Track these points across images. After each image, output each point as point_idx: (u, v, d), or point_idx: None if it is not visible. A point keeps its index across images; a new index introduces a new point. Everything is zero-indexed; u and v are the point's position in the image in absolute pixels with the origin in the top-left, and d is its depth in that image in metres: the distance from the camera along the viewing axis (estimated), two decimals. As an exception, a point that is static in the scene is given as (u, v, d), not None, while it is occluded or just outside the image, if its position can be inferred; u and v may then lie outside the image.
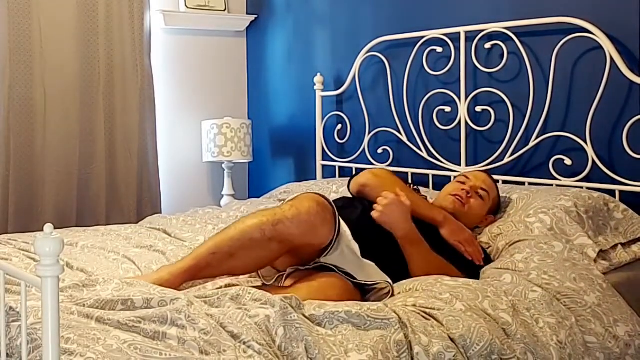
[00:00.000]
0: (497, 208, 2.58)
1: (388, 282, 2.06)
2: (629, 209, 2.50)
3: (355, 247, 2.09)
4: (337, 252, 2.05)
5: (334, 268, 2.03)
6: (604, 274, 2.23)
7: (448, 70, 3.14)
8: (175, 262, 2.13)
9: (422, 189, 2.71)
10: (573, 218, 2.39)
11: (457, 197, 2.48)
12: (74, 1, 3.61)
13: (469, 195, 2.49)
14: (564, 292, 2.04)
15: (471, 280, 2.05)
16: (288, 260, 2.09)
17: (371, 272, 2.08)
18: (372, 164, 3.44)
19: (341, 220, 2.09)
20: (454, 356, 1.73)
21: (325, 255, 2.04)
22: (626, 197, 2.59)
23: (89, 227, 3.02)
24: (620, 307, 2.07)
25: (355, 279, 2.03)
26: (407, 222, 2.21)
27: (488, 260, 2.35)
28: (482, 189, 2.52)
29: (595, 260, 2.27)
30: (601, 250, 2.33)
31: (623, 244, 2.42)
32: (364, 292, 2.06)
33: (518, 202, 2.56)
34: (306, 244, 2.01)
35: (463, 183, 2.54)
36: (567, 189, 2.59)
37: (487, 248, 2.43)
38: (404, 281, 2.12)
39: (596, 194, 2.52)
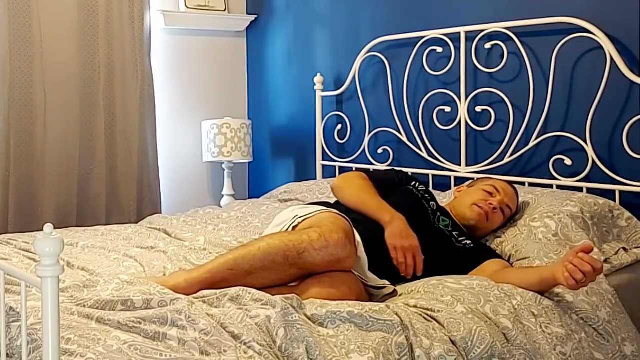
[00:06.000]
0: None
1: (393, 287, 2.06)
2: (633, 217, 2.49)
3: (365, 259, 2.08)
4: None
5: None
6: (605, 275, 2.23)
7: (448, 70, 3.14)
8: (191, 268, 2.09)
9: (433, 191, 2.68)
10: (578, 224, 2.37)
11: (484, 210, 2.41)
12: (74, 1, 3.61)
13: (494, 211, 2.42)
14: (578, 306, 2.02)
15: (476, 282, 2.03)
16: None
17: (376, 279, 2.08)
18: (372, 164, 3.44)
19: (356, 233, 2.07)
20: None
21: None
22: (626, 197, 2.59)
23: (89, 227, 3.02)
24: (627, 324, 2.07)
25: (365, 280, 2.03)
26: None
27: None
28: (508, 206, 2.45)
29: None
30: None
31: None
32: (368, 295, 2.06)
33: (523, 206, 2.54)
34: (326, 271, 1.98)
35: (491, 194, 2.45)
36: (573, 193, 2.57)
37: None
38: (407, 284, 2.12)
39: (602, 200, 2.51)
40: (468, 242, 2.36)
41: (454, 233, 2.37)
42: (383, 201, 2.37)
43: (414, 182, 2.55)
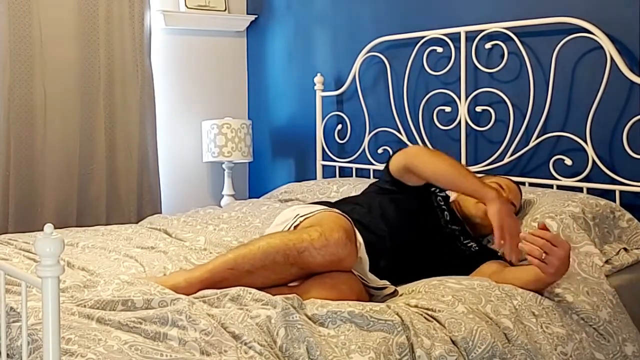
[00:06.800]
0: None
1: (394, 287, 2.06)
2: (634, 219, 2.49)
3: (366, 260, 2.08)
4: None
5: None
6: (606, 276, 2.22)
7: (448, 70, 3.14)
8: (191, 268, 2.09)
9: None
10: (580, 225, 2.37)
11: None
12: (74, 1, 3.61)
13: None
14: (578, 306, 2.02)
15: (477, 282, 2.03)
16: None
17: (376, 280, 2.08)
18: (372, 164, 3.44)
19: (357, 233, 2.06)
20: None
21: None
22: (626, 198, 2.59)
23: (89, 227, 3.02)
24: (628, 324, 2.07)
25: (365, 281, 2.03)
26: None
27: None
28: (512, 203, 2.42)
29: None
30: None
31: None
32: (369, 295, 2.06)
33: (525, 205, 2.54)
34: (326, 270, 1.97)
35: None
36: (574, 193, 2.56)
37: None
38: (408, 284, 2.12)
39: (603, 201, 2.51)
40: (474, 244, 2.36)
41: (459, 235, 2.36)
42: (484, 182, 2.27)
43: (433, 188, 2.47)
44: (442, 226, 2.37)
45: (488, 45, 2.99)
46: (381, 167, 3.37)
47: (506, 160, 2.92)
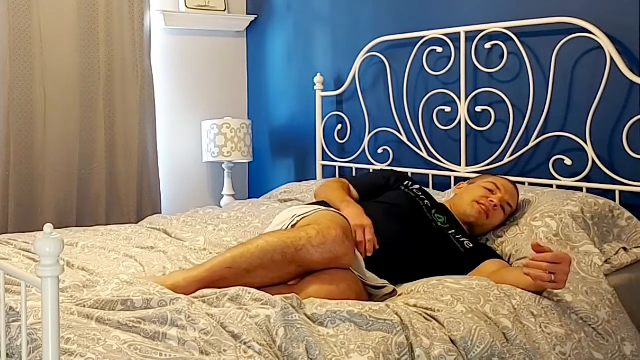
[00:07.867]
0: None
1: (393, 287, 2.06)
2: (633, 217, 2.49)
3: (361, 257, 2.08)
4: None
5: None
6: (605, 275, 2.22)
7: (448, 70, 3.14)
8: (190, 267, 2.09)
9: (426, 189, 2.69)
10: (579, 224, 2.36)
11: (484, 207, 2.40)
12: (74, 1, 3.61)
13: (495, 208, 2.40)
14: (577, 306, 2.02)
15: (475, 282, 2.03)
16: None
17: (376, 279, 2.08)
18: (372, 164, 3.44)
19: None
20: (454, 359, 1.72)
21: None
22: (626, 197, 2.59)
23: (88, 227, 3.02)
24: (627, 324, 2.07)
25: (364, 279, 2.03)
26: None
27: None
28: (508, 203, 2.44)
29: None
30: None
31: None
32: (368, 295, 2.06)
33: (524, 205, 2.54)
34: (324, 268, 1.98)
35: (491, 191, 2.44)
36: (574, 193, 2.56)
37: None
38: (407, 284, 2.12)
39: (602, 200, 2.50)
40: (466, 240, 2.36)
41: (451, 232, 2.37)
42: (346, 196, 2.43)
43: (406, 182, 2.54)
44: (430, 220, 2.37)
45: (488, 45, 2.99)
46: (381, 167, 3.38)
47: (506, 160, 2.92)
